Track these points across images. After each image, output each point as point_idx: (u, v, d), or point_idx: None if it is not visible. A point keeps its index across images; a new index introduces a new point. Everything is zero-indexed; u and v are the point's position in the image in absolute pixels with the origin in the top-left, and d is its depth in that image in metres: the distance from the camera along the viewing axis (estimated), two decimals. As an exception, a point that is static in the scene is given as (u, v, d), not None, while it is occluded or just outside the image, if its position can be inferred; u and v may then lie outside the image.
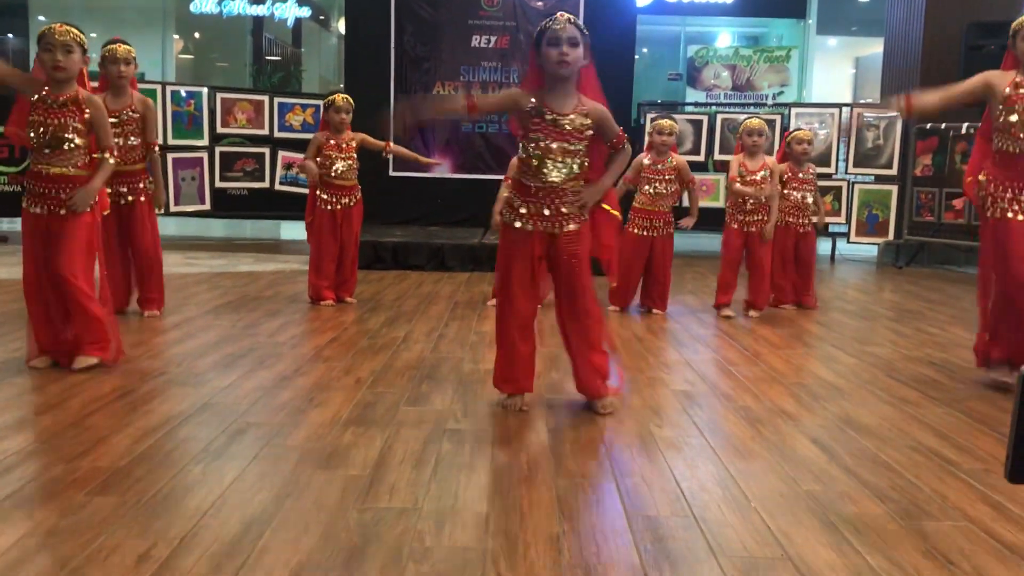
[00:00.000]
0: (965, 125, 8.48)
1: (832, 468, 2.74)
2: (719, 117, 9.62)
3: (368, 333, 4.72)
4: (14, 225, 9.76)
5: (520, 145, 3.21)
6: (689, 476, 2.64)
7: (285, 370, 3.83)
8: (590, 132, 3.17)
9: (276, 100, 9.61)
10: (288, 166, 9.44)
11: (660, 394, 3.64)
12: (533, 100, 3.15)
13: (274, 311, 5.31)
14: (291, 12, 15.78)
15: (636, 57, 10.57)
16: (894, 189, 9.30)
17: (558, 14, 3.14)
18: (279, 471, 2.57)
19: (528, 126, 3.15)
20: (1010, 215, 3.70)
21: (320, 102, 9.60)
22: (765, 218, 5.54)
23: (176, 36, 16.72)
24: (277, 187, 9.48)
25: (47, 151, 3.65)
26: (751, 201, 5.51)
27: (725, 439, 3.04)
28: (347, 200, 5.60)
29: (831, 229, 9.64)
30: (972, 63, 8.82)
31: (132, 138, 4.89)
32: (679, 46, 15.83)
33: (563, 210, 3.19)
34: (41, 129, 3.64)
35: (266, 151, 9.44)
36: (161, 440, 2.82)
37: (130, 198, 4.98)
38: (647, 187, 5.58)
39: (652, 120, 5.78)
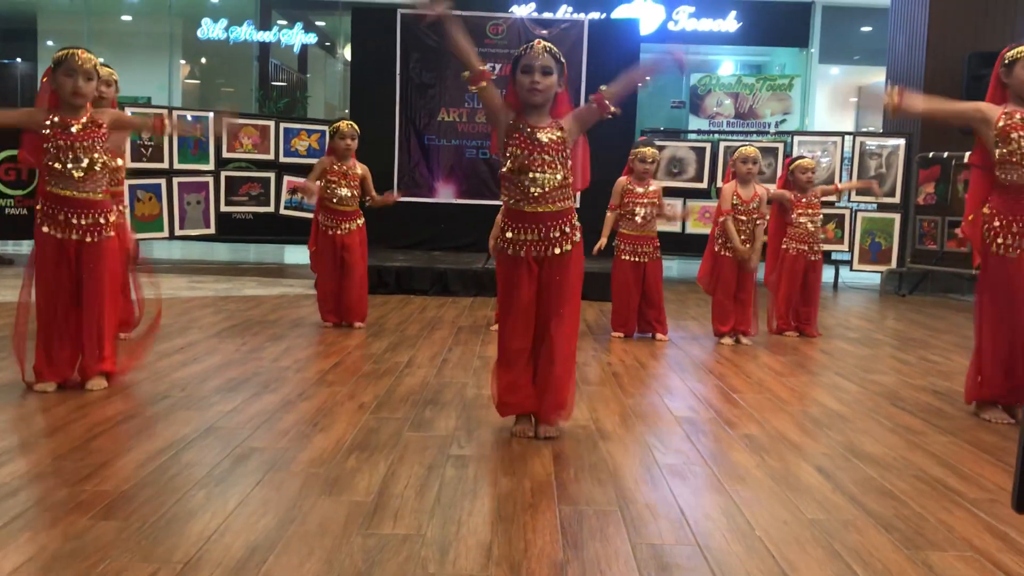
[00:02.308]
0: (967, 154, 8.50)
1: (836, 497, 2.74)
2: (722, 145, 9.66)
3: (372, 358, 4.72)
4: (20, 248, 9.80)
5: (502, 163, 3.25)
6: (693, 504, 2.64)
7: (289, 395, 3.83)
8: (565, 142, 3.20)
9: (282, 125, 9.68)
10: (293, 191, 9.49)
11: (663, 421, 3.63)
12: (512, 117, 3.22)
13: (278, 335, 5.32)
14: (297, 38, 15.91)
15: (639, 85, 10.63)
16: (897, 217, 9.32)
17: (535, 42, 3.19)
18: (283, 496, 2.57)
19: (507, 141, 3.21)
20: (1012, 254, 3.66)
21: (325, 128, 9.69)
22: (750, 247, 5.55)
23: (183, 61, 16.85)
24: (282, 212, 9.52)
25: (78, 175, 3.67)
26: (743, 233, 5.52)
27: (729, 467, 3.04)
28: (347, 226, 5.62)
29: (834, 257, 9.65)
30: (974, 93, 8.86)
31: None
32: (682, 74, 15.92)
33: (552, 234, 3.20)
34: (71, 155, 3.66)
35: (271, 176, 9.49)
36: (165, 464, 2.82)
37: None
38: (636, 212, 5.59)
39: (634, 147, 5.75)
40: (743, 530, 2.43)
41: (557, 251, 3.22)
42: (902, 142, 9.37)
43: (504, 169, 3.23)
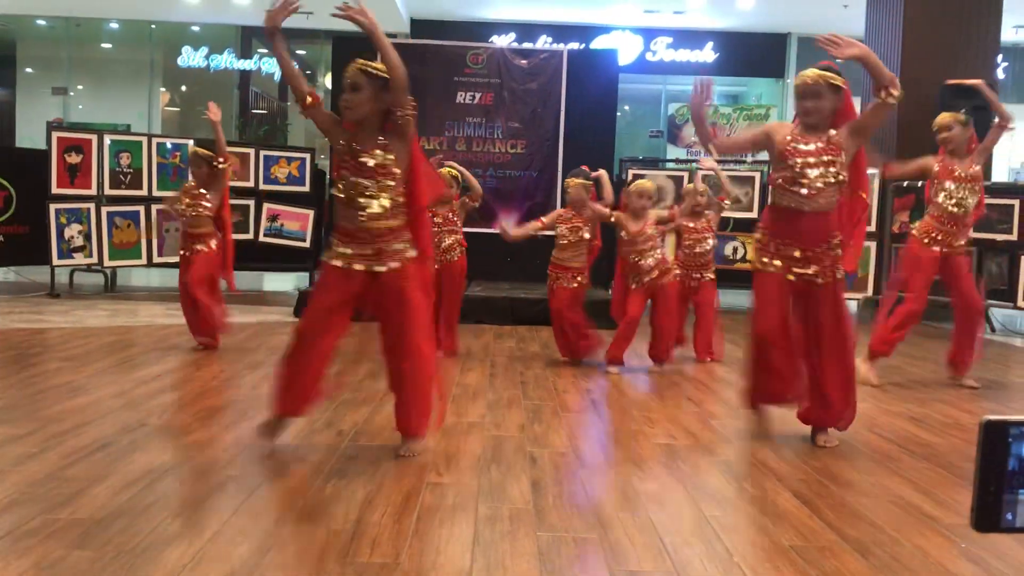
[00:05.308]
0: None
1: (814, 522, 2.75)
2: (699, 174, 9.74)
3: (351, 385, 4.70)
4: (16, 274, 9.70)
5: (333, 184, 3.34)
6: (672, 530, 2.64)
7: (267, 422, 3.80)
8: (396, 168, 3.23)
9: (262, 153, 9.67)
10: (273, 218, 9.48)
11: (642, 447, 3.64)
12: (343, 140, 3.26)
13: (256, 363, 5.29)
14: (277, 67, 15.95)
15: (618, 114, 10.74)
16: (872, 245, 9.41)
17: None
18: (259, 525, 2.55)
19: (339, 163, 3.29)
20: (771, 269, 3.69)
21: (306, 155, 9.72)
22: (662, 273, 5.41)
23: (163, 89, 16.85)
24: (261, 239, 9.49)
25: None
26: (650, 259, 5.37)
27: (707, 493, 3.04)
28: (193, 245, 5.65)
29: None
30: (946, 123, 9.01)
31: None
32: (660, 104, 16.10)
33: (384, 248, 3.24)
34: None
35: (251, 203, 9.47)
36: (141, 493, 2.80)
37: None
38: (561, 239, 5.58)
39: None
40: (721, 556, 2.44)
41: (391, 265, 3.25)
42: (876, 171, 9.49)
43: (334, 192, 3.30)
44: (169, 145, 9.37)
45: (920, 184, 8.92)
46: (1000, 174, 14.28)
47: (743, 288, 6.10)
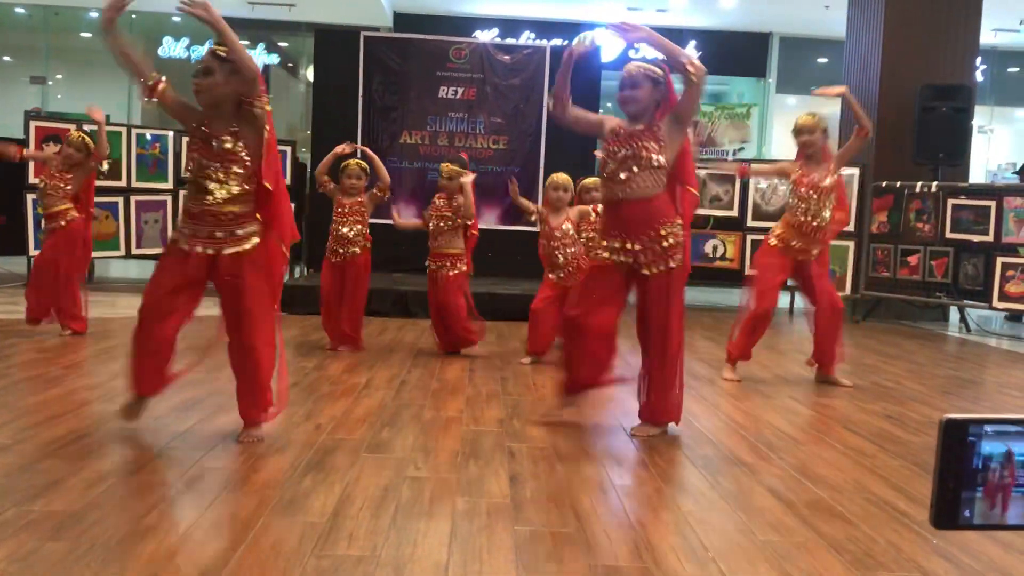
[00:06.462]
0: (919, 184, 8.72)
1: (789, 519, 2.77)
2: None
3: (329, 379, 4.69)
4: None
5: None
6: (648, 525, 2.65)
7: (244, 415, 3.78)
8: (246, 156, 3.24)
9: (242, 145, 9.62)
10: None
11: (620, 443, 3.65)
12: (194, 123, 3.29)
13: (235, 356, 5.26)
14: (260, 58, 15.86)
15: (600, 111, 10.75)
16: (851, 245, 9.49)
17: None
18: (236, 517, 2.54)
19: (191, 146, 3.32)
20: (602, 257, 3.75)
21: (287, 148, 9.67)
22: (574, 271, 5.32)
23: (143, 79, 16.70)
24: (241, 231, 9.45)
25: None
26: (561, 257, 5.36)
27: (684, 489, 3.06)
28: (50, 224, 5.69)
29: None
30: (925, 124, 9.09)
31: None
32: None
33: (218, 234, 3.25)
34: None
35: (231, 195, 9.42)
36: (116, 485, 2.78)
37: None
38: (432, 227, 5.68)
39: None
40: (697, 552, 2.45)
41: (230, 250, 3.27)
42: (856, 171, 9.56)
43: (185, 175, 3.35)
44: (149, 136, 9.30)
45: (898, 184, 9.03)
46: (977, 176, 14.42)
47: (723, 287, 6.13)
